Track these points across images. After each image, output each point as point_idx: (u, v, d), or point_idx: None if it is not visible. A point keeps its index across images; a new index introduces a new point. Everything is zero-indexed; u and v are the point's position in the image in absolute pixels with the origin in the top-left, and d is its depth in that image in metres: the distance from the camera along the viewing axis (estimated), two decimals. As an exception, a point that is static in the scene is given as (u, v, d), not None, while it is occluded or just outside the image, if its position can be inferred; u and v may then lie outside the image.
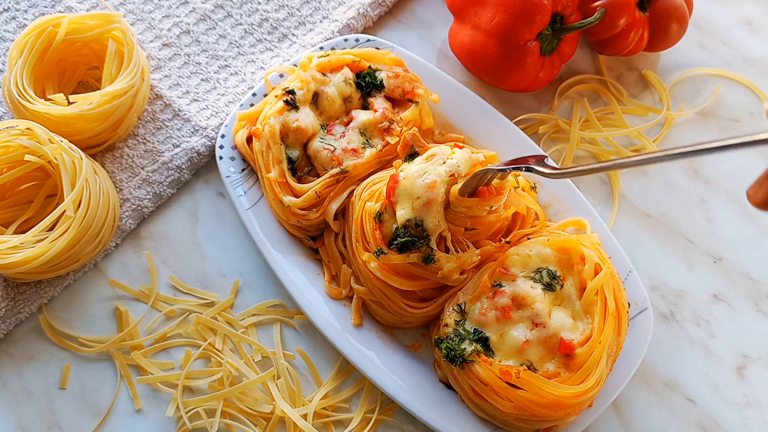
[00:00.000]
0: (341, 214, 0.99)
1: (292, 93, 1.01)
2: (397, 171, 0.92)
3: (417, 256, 0.90)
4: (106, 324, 1.00)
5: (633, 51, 1.11)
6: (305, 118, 1.00)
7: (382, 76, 1.04)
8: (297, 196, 0.98)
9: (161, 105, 1.11)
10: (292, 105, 1.00)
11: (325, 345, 0.99)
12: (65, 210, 0.91)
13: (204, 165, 1.09)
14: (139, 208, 1.05)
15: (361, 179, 0.99)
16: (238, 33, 1.17)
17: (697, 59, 1.20)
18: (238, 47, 1.16)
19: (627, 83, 1.17)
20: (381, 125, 1.00)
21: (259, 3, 1.18)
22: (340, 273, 0.99)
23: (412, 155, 0.95)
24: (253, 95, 1.07)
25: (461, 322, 0.91)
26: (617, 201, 1.09)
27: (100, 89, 1.01)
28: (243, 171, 1.03)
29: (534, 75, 1.06)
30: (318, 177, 0.99)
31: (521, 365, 0.87)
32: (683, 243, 1.07)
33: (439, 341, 0.90)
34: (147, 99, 1.09)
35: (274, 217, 1.01)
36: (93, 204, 0.94)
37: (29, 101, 0.99)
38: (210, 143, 1.08)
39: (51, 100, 1.00)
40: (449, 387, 0.93)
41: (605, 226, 0.99)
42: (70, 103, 1.00)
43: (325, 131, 1.01)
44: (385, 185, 0.92)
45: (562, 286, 0.92)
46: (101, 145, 1.05)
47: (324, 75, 1.03)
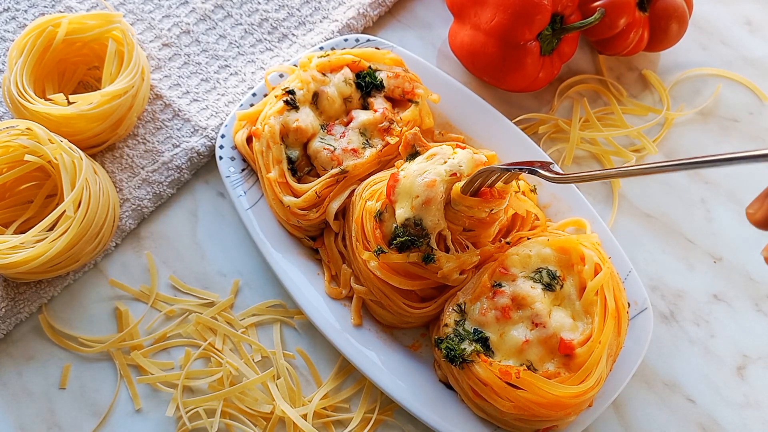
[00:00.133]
0: (341, 213, 0.99)
1: (292, 93, 1.01)
2: (398, 170, 0.92)
3: (417, 255, 0.89)
4: (106, 324, 1.00)
5: (633, 51, 1.11)
6: (305, 118, 1.00)
7: (382, 76, 1.04)
8: (297, 196, 0.98)
9: (161, 105, 1.11)
10: (292, 105, 1.00)
11: (325, 345, 0.99)
12: (65, 210, 0.91)
13: (204, 165, 1.09)
14: (139, 208, 1.05)
15: (362, 179, 0.99)
16: (238, 33, 1.16)
17: (697, 59, 1.20)
18: (238, 47, 1.16)
19: (627, 83, 1.17)
20: (381, 125, 1.00)
21: (259, 3, 1.18)
22: (340, 273, 0.99)
23: (413, 155, 0.94)
24: (253, 95, 1.07)
25: (461, 322, 0.91)
26: (617, 201, 1.09)
27: (100, 89, 1.01)
28: (243, 171, 1.03)
29: (534, 75, 1.06)
30: (318, 177, 0.99)
31: (521, 365, 0.87)
32: (683, 243, 1.07)
33: (439, 341, 0.90)
34: (147, 99, 1.09)
35: (274, 217, 1.01)
36: (93, 204, 0.94)
37: (29, 101, 0.99)
38: (210, 143, 1.08)
39: (51, 100, 1.00)
40: (449, 387, 0.93)
41: (605, 226, 0.99)
42: (70, 103, 1.00)
43: (325, 131, 1.01)
44: (386, 184, 0.92)
45: (562, 286, 0.92)
46: (101, 145, 1.05)
47: (324, 75, 1.03)
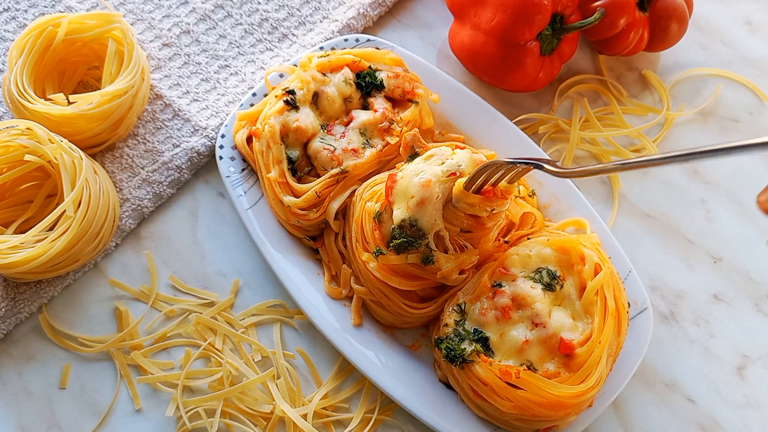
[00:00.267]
0: (341, 213, 0.99)
1: (292, 93, 1.01)
2: (397, 171, 0.92)
3: (416, 256, 0.89)
4: (106, 324, 1.00)
5: (633, 51, 1.11)
6: (305, 118, 1.00)
7: (382, 76, 1.04)
8: (297, 196, 0.98)
9: (161, 105, 1.11)
10: (292, 105, 1.00)
11: (325, 345, 0.99)
12: (65, 210, 0.91)
13: (204, 165, 1.09)
14: (139, 208, 1.05)
15: (362, 179, 0.99)
16: (238, 33, 1.16)
17: (697, 59, 1.20)
18: (238, 47, 1.16)
19: (627, 83, 1.17)
20: (381, 125, 1.00)
21: (259, 3, 1.18)
22: (340, 273, 0.99)
23: (413, 156, 0.94)
24: (253, 95, 1.07)
25: (461, 322, 0.91)
26: (617, 201, 1.09)
27: (100, 89, 1.01)
28: (243, 171, 1.03)
29: (534, 75, 1.06)
30: (318, 177, 0.99)
31: (521, 365, 0.87)
32: (683, 243, 1.07)
33: (439, 341, 0.90)
34: (147, 99, 1.08)
35: (274, 217, 1.01)
36: (93, 204, 0.94)
37: (29, 101, 0.99)
38: (210, 143, 1.08)
39: (51, 100, 1.00)
40: (449, 387, 0.93)
41: (605, 226, 0.99)
42: (70, 103, 1.00)
43: (325, 131, 1.01)
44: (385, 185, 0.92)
45: (562, 286, 0.92)
46: (101, 145, 1.05)
47: (324, 75, 1.03)
